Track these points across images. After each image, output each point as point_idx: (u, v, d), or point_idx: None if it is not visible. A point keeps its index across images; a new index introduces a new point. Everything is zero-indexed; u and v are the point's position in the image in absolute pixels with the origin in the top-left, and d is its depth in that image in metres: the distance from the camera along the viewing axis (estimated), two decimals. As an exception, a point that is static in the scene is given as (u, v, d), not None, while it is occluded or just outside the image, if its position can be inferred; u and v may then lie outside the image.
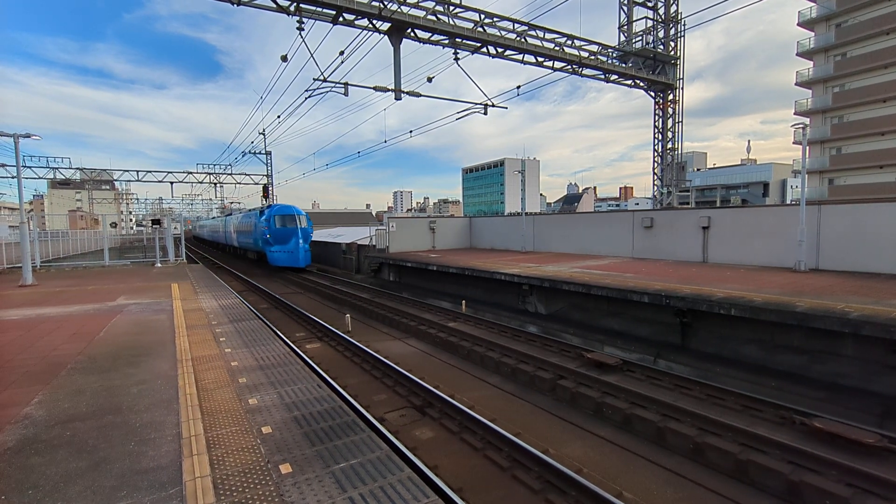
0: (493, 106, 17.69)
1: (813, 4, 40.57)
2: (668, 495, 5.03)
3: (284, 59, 14.66)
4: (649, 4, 23.27)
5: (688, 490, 5.12)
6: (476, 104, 17.63)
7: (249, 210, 34.30)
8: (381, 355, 9.72)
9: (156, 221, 27.46)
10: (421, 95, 16.73)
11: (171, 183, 41.93)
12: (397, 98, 16.06)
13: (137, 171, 39.41)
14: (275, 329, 12.02)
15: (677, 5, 23.26)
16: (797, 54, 42.11)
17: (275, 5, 13.88)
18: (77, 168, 39.05)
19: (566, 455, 5.79)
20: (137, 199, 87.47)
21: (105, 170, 42.61)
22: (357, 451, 4.27)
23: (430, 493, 3.53)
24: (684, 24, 23.39)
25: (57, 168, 36.75)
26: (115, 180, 40.76)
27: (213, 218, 58.76)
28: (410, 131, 20.16)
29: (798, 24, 41.79)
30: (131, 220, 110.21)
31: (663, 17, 23.25)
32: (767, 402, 6.68)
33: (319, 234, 36.50)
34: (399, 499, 3.46)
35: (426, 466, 5.33)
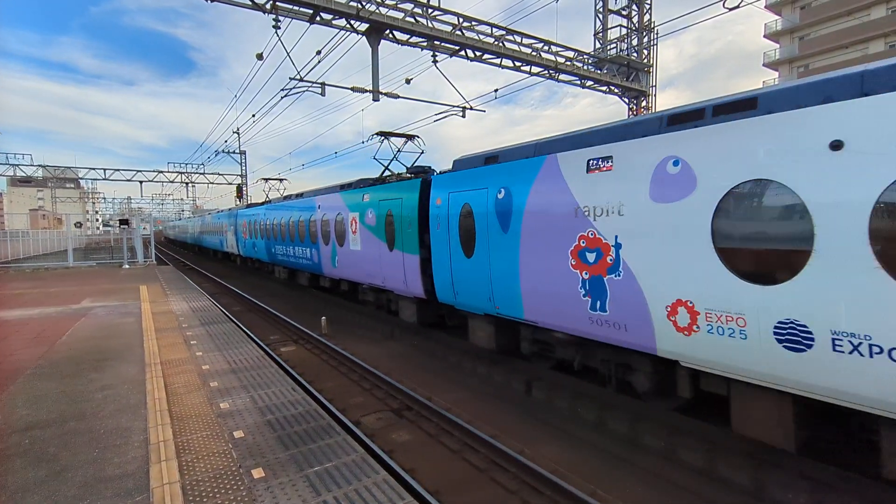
0: (471, 109, 17.75)
1: (778, 17, 42.24)
2: (641, 492, 5.12)
3: (260, 57, 14.40)
4: (623, 13, 23.80)
5: (660, 485, 5.22)
6: (454, 107, 17.68)
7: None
8: (357, 358, 9.62)
9: (124, 221, 26.64)
10: (399, 97, 16.68)
11: (141, 182, 40.73)
12: (375, 99, 15.95)
13: (105, 170, 38.11)
14: (248, 332, 11.76)
15: (650, 14, 23.86)
16: (763, 65, 43.75)
17: (250, 2, 13.64)
18: (39, 165, 37.52)
19: (543, 455, 5.83)
20: (104, 198, 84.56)
21: (69, 167, 41.11)
22: (332, 454, 4.21)
23: (406, 496, 3.52)
24: (657, 33, 24.01)
25: (17, 165, 35.23)
26: (81, 178, 39.39)
27: (254, 206, 24.53)
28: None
29: (764, 36, 43.43)
30: (98, 220, 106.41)
31: (637, 25, 23.82)
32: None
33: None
34: (374, 501, 3.43)
35: (402, 469, 5.29)
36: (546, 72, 20.41)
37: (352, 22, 14.98)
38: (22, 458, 4.10)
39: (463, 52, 17.85)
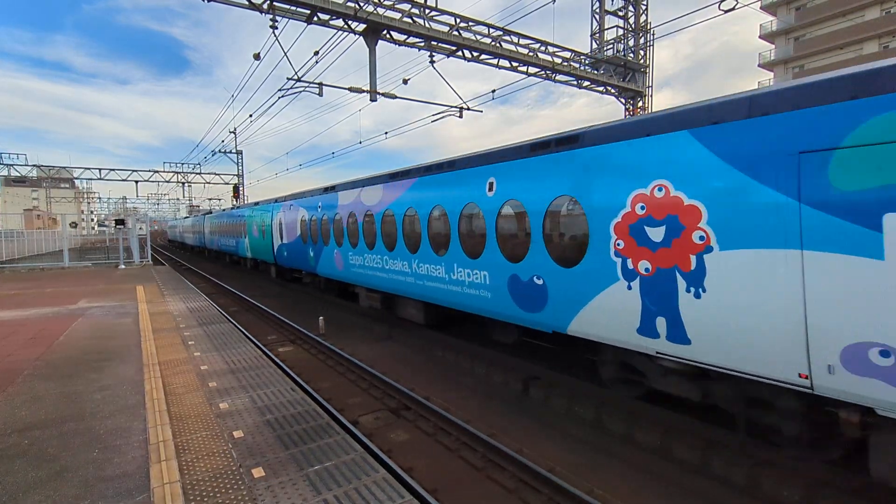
0: (468, 109, 17.82)
1: (773, 18, 42.47)
2: (639, 490, 5.17)
3: (257, 57, 14.40)
4: (620, 14, 23.91)
5: (658, 483, 5.27)
6: (451, 107, 17.72)
7: None
8: (355, 358, 9.65)
9: (119, 221, 26.54)
10: (396, 97, 16.71)
11: (136, 182, 40.66)
12: (373, 99, 15.98)
13: (100, 170, 38.05)
14: (245, 332, 11.77)
15: (647, 15, 23.98)
16: (759, 65, 43.99)
17: (247, 2, 13.63)
18: (34, 165, 37.41)
19: (540, 454, 5.88)
20: (100, 198, 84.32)
21: (64, 167, 40.99)
22: (332, 453, 4.25)
23: (406, 494, 3.55)
24: (653, 34, 24.13)
25: (11, 165, 35.12)
26: (76, 178, 39.25)
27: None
28: (385, 133, 20.09)
29: (760, 37, 43.68)
30: (93, 220, 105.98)
31: (633, 26, 23.92)
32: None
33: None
34: (374, 500, 3.47)
35: (401, 468, 5.33)
36: (543, 72, 20.47)
37: (349, 22, 15.00)
38: (22, 459, 4.11)
39: (460, 53, 17.89)
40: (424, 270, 9.65)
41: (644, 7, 23.88)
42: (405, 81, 17.06)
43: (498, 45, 18.49)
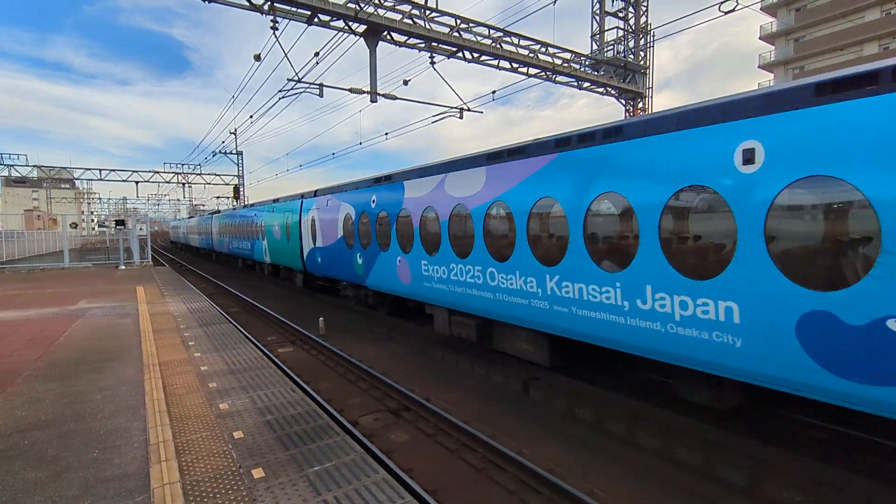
0: (468, 110, 17.83)
1: (773, 19, 42.50)
2: (638, 491, 5.17)
3: (258, 58, 14.41)
4: (620, 15, 23.96)
5: (658, 484, 5.27)
6: (452, 108, 17.73)
7: None
8: (355, 359, 9.65)
9: (120, 222, 26.57)
10: (397, 98, 16.72)
11: (137, 182, 40.67)
12: (373, 100, 15.99)
13: (100, 170, 38.06)
14: (246, 333, 11.77)
15: (647, 16, 24.02)
16: (759, 66, 44.02)
17: (248, 3, 13.65)
18: (34, 165, 37.45)
19: (540, 454, 5.87)
20: (100, 198, 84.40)
21: (65, 167, 41.06)
22: (332, 454, 4.25)
23: (406, 495, 3.55)
24: (653, 35, 24.17)
25: (12, 165, 35.15)
26: (76, 179, 39.30)
27: None
28: (386, 133, 20.10)
29: (760, 38, 43.71)
30: (93, 220, 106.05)
31: (633, 27, 23.96)
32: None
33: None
34: (374, 500, 3.47)
35: (401, 469, 5.32)
36: (543, 73, 20.50)
37: (350, 23, 15.02)
38: (22, 459, 4.11)
39: (460, 54, 17.92)
40: (573, 293, 6.46)
41: (644, 8, 23.93)
42: (405, 82, 17.07)
43: (498, 46, 18.52)
